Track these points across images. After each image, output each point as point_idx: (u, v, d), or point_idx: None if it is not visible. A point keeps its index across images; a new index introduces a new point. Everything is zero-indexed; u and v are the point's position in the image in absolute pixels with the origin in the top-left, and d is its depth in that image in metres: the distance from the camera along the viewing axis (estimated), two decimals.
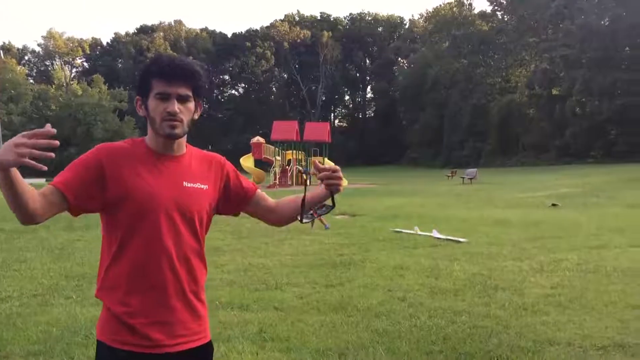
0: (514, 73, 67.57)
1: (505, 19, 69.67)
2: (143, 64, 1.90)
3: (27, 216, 1.64)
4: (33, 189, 1.64)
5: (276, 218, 2.13)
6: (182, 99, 1.80)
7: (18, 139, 1.46)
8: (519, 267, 7.51)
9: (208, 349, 1.93)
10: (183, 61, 1.83)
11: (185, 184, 1.84)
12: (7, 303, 5.93)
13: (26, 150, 1.45)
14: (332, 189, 1.97)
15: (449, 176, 38.95)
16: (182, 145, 1.89)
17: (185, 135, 1.87)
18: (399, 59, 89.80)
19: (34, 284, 6.86)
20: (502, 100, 61.77)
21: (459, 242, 9.91)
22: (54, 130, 1.49)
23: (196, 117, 1.88)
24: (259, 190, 2.09)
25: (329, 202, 2.04)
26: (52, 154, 1.48)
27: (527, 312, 5.34)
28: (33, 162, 1.46)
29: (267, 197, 2.13)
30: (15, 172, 1.52)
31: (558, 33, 56.83)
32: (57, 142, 1.47)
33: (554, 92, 58.12)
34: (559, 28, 56.78)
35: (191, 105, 1.84)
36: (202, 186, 1.89)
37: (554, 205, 17.44)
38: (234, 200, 2.02)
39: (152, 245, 1.77)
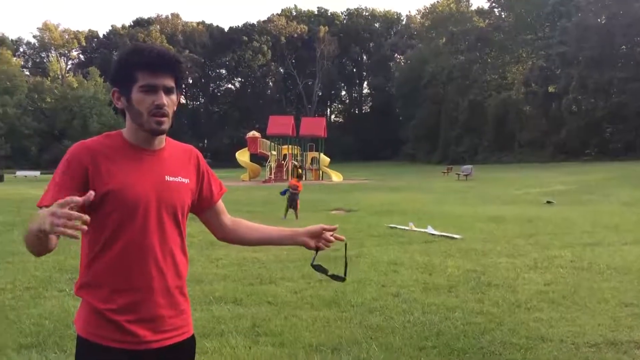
0: (511, 70, 67.57)
1: (503, 16, 69.66)
2: (119, 54, 1.80)
3: (43, 255, 1.70)
4: None
5: (227, 236, 2.06)
6: (168, 91, 1.75)
7: (54, 207, 1.42)
8: (512, 264, 7.53)
9: (191, 343, 1.92)
10: (167, 51, 1.77)
11: (167, 178, 1.80)
12: (0, 295, 5.91)
13: (60, 221, 1.40)
14: (320, 247, 1.99)
15: (444, 172, 39.01)
16: (163, 139, 1.83)
17: None
18: (396, 54, 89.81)
19: (27, 276, 6.84)
20: (499, 97, 61.79)
21: (453, 238, 9.93)
22: (92, 195, 1.49)
23: (175, 109, 1.82)
24: (220, 200, 2.03)
25: (341, 273, 2.03)
26: (85, 227, 1.46)
27: (521, 309, 5.35)
28: (69, 232, 1.41)
29: (225, 211, 2.06)
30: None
31: (555, 31, 56.81)
32: (88, 218, 1.42)
33: (550, 89, 58.22)
34: (556, 26, 56.72)
35: (174, 97, 1.78)
36: (184, 180, 1.85)
37: (548, 202, 17.49)
38: (199, 200, 1.95)
39: (138, 243, 1.74)
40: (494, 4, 69.25)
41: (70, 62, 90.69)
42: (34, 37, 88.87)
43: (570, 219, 12.72)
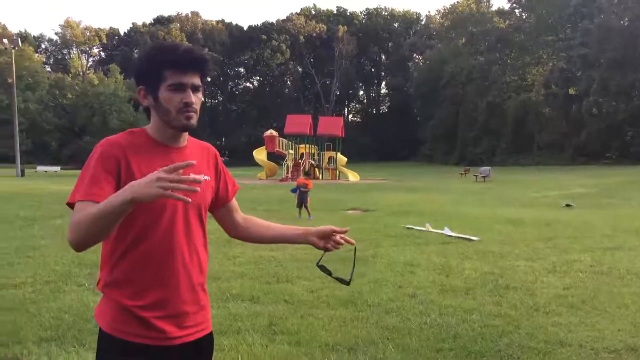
0: (531, 71, 66.99)
1: (524, 17, 69.06)
2: (145, 52, 1.81)
3: (97, 243, 1.66)
4: None
5: (239, 234, 2.10)
6: (195, 89, 1.77)
7: (160, 174, 1.46)
8: (531, 267, 7.46)
9: (210, 340, 1.95)
10: (195, 50, 1.79)
11: (192, 175, 1.81)
12: (21, 289, 5.99)
13: (169, 184, 1.45)
14: (329, 248, 1.99)
15: (462, 174, 38.80)
16: (186, 136, 1.86)
17: None
18: (415, 55, 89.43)
19: (47, 270, 6.92)
20: (518, 99, 61.30)
21: (470, 240, 9.86)
22: (194, 162, 1.52)
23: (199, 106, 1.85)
24: (234, 198, 2.06)
25: (347, 276, 2.05)
26: (199, 189, 1.50)
27: (539, 313, 5.30)
28: (177, 194, 1.46)
29: (238, 208, 2.09)
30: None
31: (576, 32, 56.18)
32: (202, 179, 1.46)
33: (571, 91, 57.59)
34: (578, 27, 56.12)
35: (200, 95, 1.81)
36: (206, 177, 1.87)
37: (568, 205, 17.30)
38: (215, 198, 1.98)
39: (167, 241, 1.75)
40: (514, 5, 68.67)
41: (91, 59, 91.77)
42: (56, 34, 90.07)
43: (590, 223, 12.57)
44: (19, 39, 50.50)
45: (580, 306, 5.52)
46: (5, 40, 46.64)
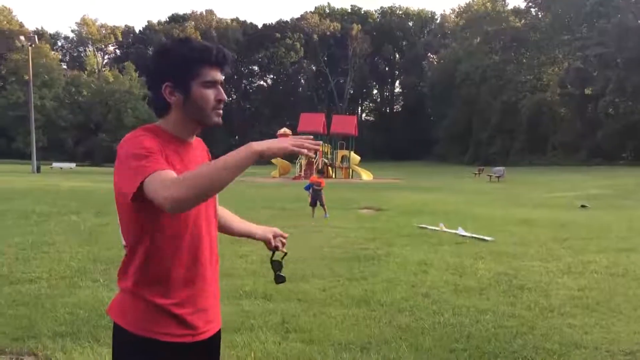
0: (546, 71, 66.52)
1: (539, 16, 68.56)
2: (174, 49, 1.74)
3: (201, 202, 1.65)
4: None
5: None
6: (221, 85, 1.80)
7: (290, 138, 1.64)
8: (545, 268, 7.40)
9: (220, 333, 1.96)
10: (223, 47, 1.81)
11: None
12: (36, 284, 6.04)
13: (300, 142, 1.63)
14: (275, 246, 2.15)
15: (476, 174, 38.62)
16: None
17: None
18: (429, 54, 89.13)
19: (63, 266, 6.98)
20: (533, 99, 60.85)
21: (484, 240, 9.80)
22: (320, 143, 1.66)
23: None
24: None
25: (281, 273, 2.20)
26: (318, 147, 1.69)
27: (554, 314, 5.25)
28: (304, 150, 1.64)
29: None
30: None
31: (593, 31, 55.70)
32: (319, 146, 1.62)
33: (587, 91, 57.11)
34: (594, 26, 55.65)
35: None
36: None
37: (583, 206, 17.16)
38: None
39: (195, 239, 1.76)
40: (530, 4, 68.16)
41: (106, 57, 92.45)
42: (72, 31, 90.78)
43: (605, 224, 12.45)
44: (36, 37, 50.97)
45: (596, 308, 5.47)
46: (22, 38, 47.21)
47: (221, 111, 1.80)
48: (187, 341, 1.76)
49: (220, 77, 1.78)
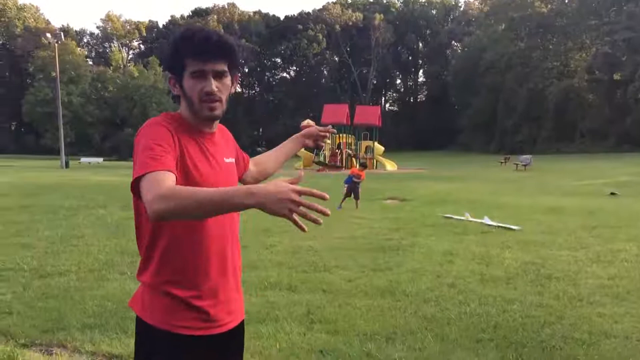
0: (573, 57, 65.26)
1: (566, 1, 67.25)
2: (172, 38, 1.75)
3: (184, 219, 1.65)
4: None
5: (258, 180, 2.19)
6: (219, 75, 1.72)
7: (293, 195, 1.41)
8: (574, 257, 7.29)
9: (243, 326, 1.95)
10: (216, 36, 1.72)
11: (225, 160, 1.83)
12: (66, 277, 6.14)
13: (301, 210, 1.43)
14: (320, 145, 2.32)
15: (502, 162, 38.17)
16: (217, 123, 1.84)
17: None
18: (453, 42, 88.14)
19: (91, 259, 7.08)
20: (560, 85, 59.79)
21: (511, 229, 9.69)
22: (328, 197, 1.48)
23: (233, 90, 1.81)
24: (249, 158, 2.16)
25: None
26: (321, 221, 1.47)
27: (582, 303, 5.17)
28: (299, 222, 1.45)
29: (249, 163, 2.17)
30: None
31: (621, 15, 54.44)
32: (329, 212, 1.45)
33: (615, 77, 55.95)
34: (622, 10, 54.38)
35: (228, 80, 1.76)
36: (232, 160, 1.90)
37: (612, 194, 16.85)
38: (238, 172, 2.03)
39: (219, 233, 1.76)
40: None
41: (131, 52, 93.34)
42: (97, 27, 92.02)
43: (635, 212, 12.21)
44: (62, 34, 51.65)
45: (626, 296, 5.37)
46: (48, 35, 47.78)
47: (213, 104, 1.72)
48: (209, 333, 1.75)
49: (209, 66, 1.69)
